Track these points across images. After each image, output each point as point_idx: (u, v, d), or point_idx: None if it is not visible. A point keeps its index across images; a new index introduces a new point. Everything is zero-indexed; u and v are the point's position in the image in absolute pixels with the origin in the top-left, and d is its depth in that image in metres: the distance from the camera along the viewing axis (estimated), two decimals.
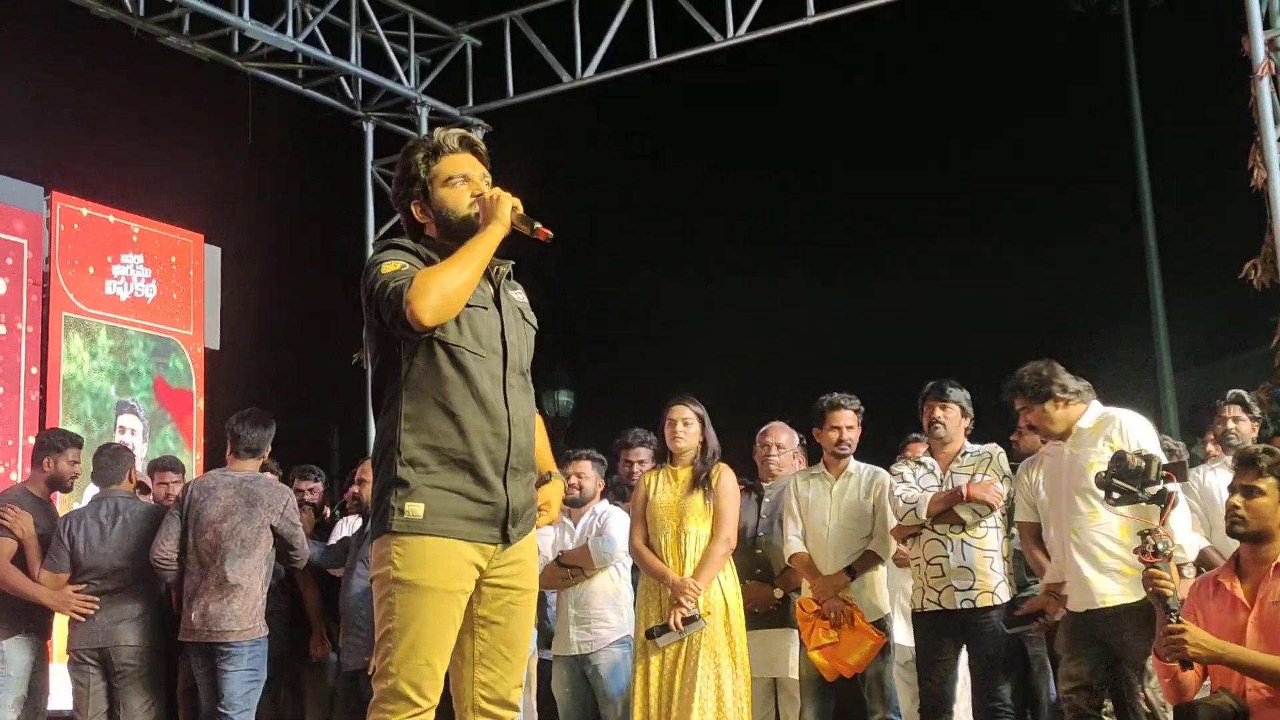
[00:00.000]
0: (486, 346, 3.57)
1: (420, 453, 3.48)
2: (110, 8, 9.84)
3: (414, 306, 3.38)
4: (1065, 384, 5.65)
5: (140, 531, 6.79)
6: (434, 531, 3.47)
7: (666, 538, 6.22)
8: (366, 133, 11.73)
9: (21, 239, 9.63)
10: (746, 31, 10.53)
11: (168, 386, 10.49)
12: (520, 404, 3.60)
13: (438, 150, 3.70)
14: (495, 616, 3.60)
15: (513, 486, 3.55)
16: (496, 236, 3.55)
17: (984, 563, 6.16)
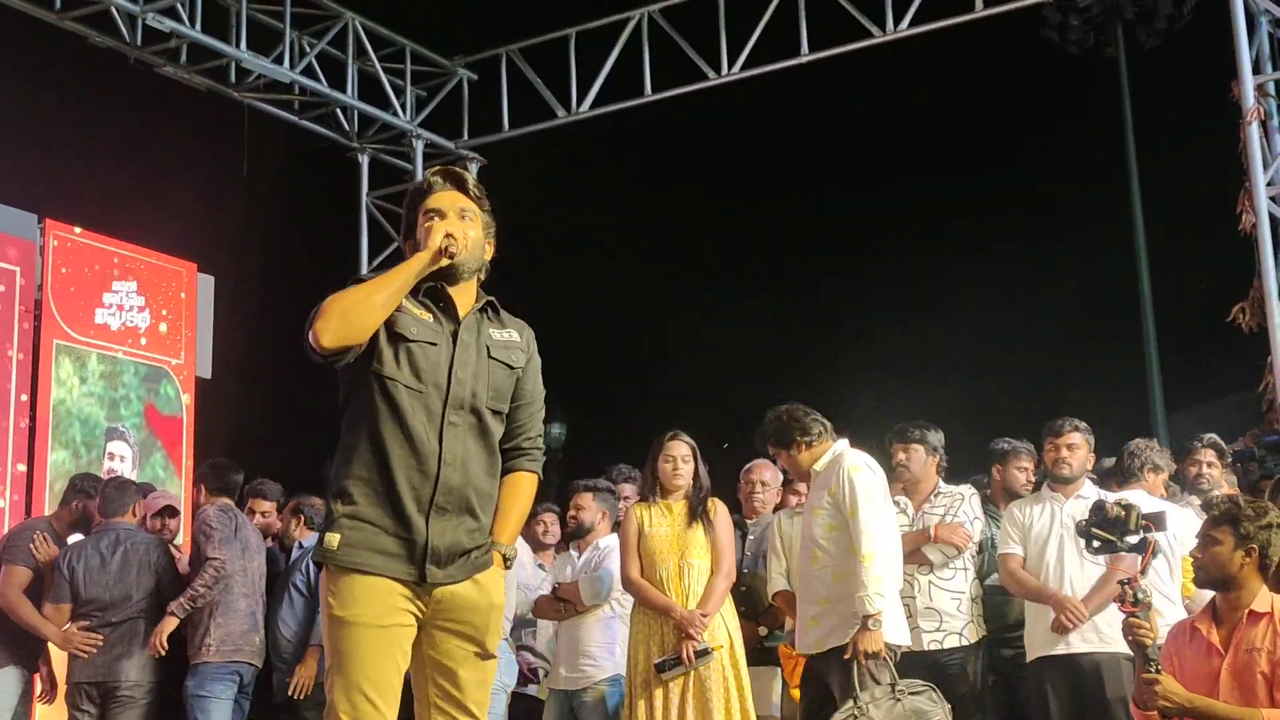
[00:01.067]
0: (426, 381, 3.51)
1: (347, 484, 3.48)
2: (108, 37, 9.91)
3: (315, 328, 3.39)
4: (806, 427, 5.70)
5: (142, 563, 6.80)
6: (348, 563, 3.45)
7: (668, 571, 6.19)
8: (362, 164, 11.79)
9: (14, 266, 9.65)
10: (741, 69, 10.60)
11: (159, 413, 10.49)
12: (461, 442, 3.53)
13: (425, 190, 3.71)
14: (446, 661, 3.56)
15: (436, 526, 3.47)
16: (419, 261, 3.53)
17: (951, 604, 6.19)
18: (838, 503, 5.50)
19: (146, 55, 10.15)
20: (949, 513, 6.26)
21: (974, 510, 6.31)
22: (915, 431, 6.37)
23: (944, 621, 6.16)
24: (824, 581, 5.52)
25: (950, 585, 6.21)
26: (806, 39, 10.39)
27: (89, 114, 10.16)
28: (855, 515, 5.44)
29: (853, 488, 5.49)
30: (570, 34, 11.23)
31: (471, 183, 3.75)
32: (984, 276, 11.00)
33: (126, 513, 7.02)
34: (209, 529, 6.82)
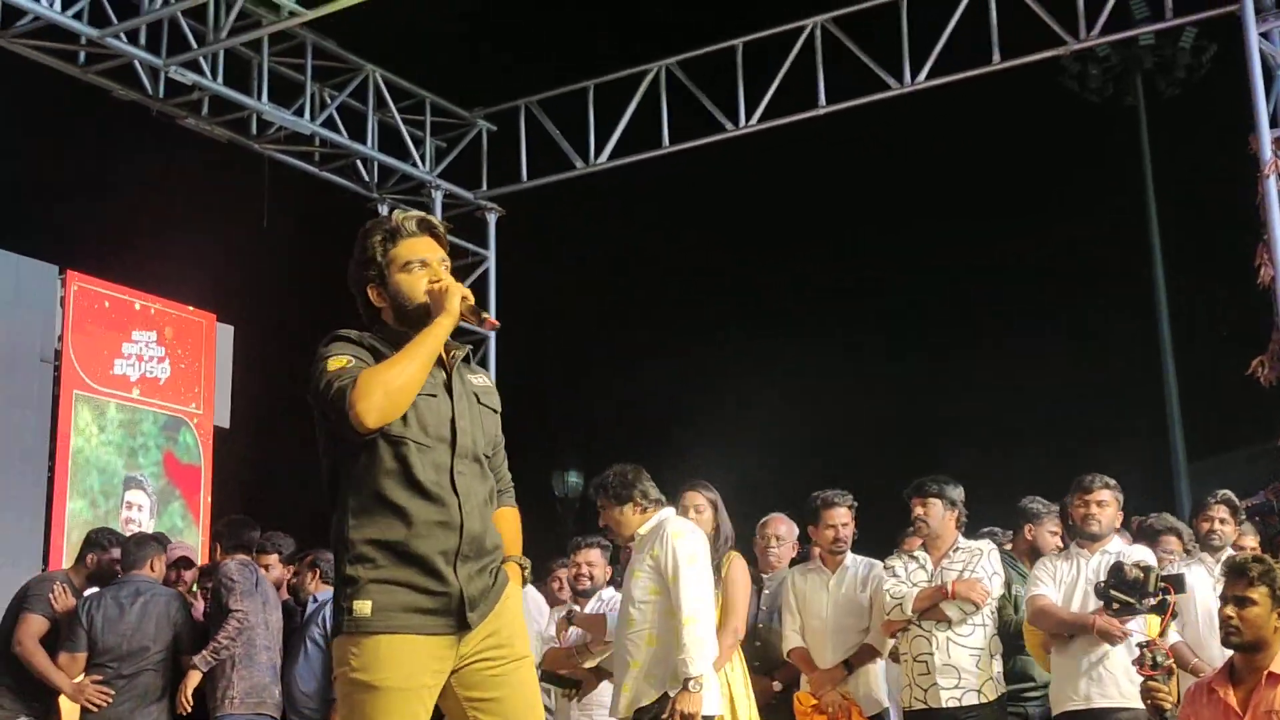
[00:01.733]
0: (434, 435, 3.46)
1: (367, 548, 3.40)
2: (131, 90, 9.99)
3: (357, 409, 3.31)
4: (646, 491, 5.66)
5: (161, 616, 6.81)
6: (384, 629, 3.37)
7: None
8: (381, 215, 11.83)
9: (35, 316, 9.72)
10: (759, 121, 10.64)
11: (177, 462, 10.53)
12: (473, 490, 3.50)
13: (396, 233, 3.61)
14: (488, 692, 3.48)
15: (464, 574, 3.44)
16: (445, 329, 3.48)
17: (969, 660, 6.12)
18: (659, 566, 5.45)
19: (169, 107, 10.24)
20: (967, 568, 6.21)
21: (993, 565, 6.24)
22: (933, 485, 6.32)
23: (962, 678, 6.10)
24: (638, 644, 5.45)
25: (969, 641, 6.14)
26: (824, 91, 10.42)
27: (111, 166, 10.25)
28: (677, 579, 5.37)
29: (675, 552, 5.43)
30: (589, 86, 11.28)
31: (443, 231, 3.69)
32: (1002, 323, 10.96)
33: (146, 566, 7.04)
34: (230, 582, 6.84)
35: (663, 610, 5.41)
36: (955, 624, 6.14)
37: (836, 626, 6.49)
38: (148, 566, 7.05)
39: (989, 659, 6.17)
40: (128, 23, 9.39)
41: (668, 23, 10.82)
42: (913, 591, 6.19)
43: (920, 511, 6.31)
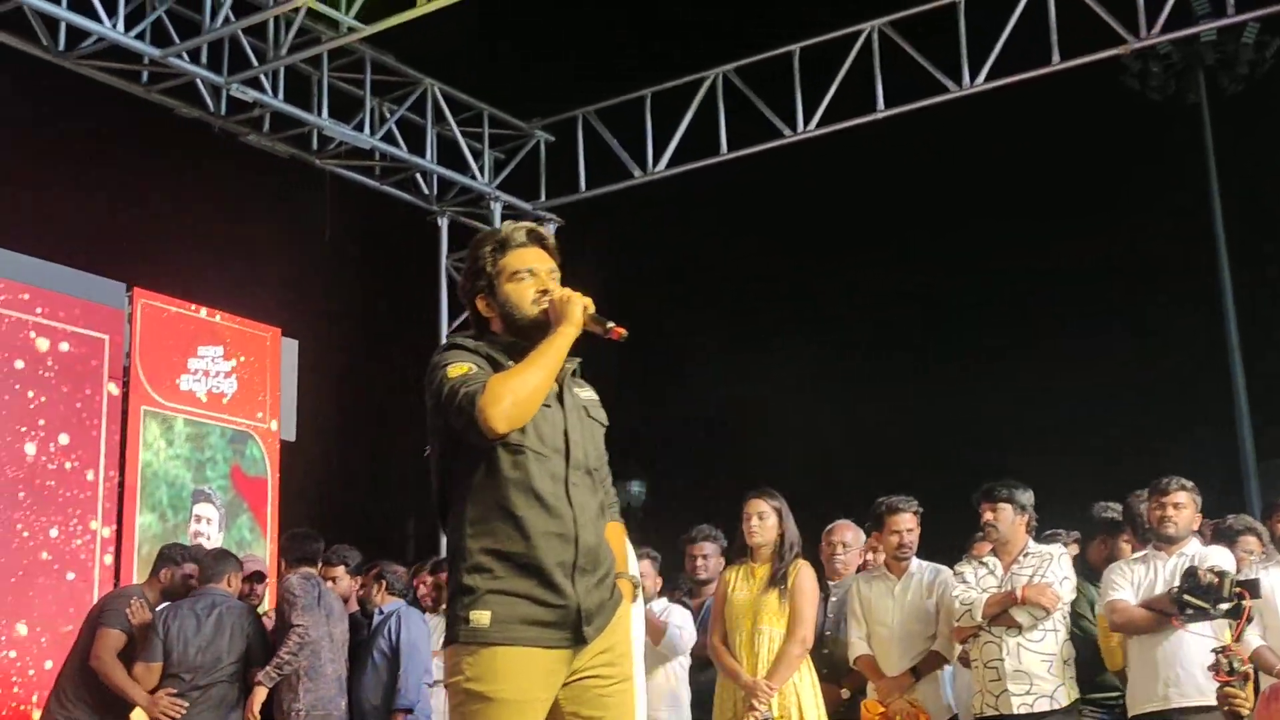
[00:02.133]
0: (549, 445, 3.47)
1: (485, 559, 3.40)
2: (193, 108, 10.11)
3: (487, 414, 3.31)
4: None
5: (235, 628, 6.90)
6: (502, 640, 3.35)
7: (741, 637, 6.15)
8: (441, 227, 11.92)
9: (103, 334, 9.85)
10: (816, 126, 10.62)
11: (244, 475, 10.63)
12: (586, 503, 3.51)
13: (505, 244, 3.63)
14: (593, 711, 3.46)
15: (582, 586, 3.43)
16: (568, 338, 3.48)
17: (1041, 666, 6.06)
18: None
19: (231, 125, 10.35)
20: (1038, 573, 6.15)
21: (1064, 570, 6.18)
22: (1003, 490, 6.27)
23: (1034, 684, 6.04)
24: None
25: (1040, 647, 6.08)
26: (882, 94, 10.38)
27: (175, 183, 10.38)
28: None
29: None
30: (646, 95, 11.30)
31: (552, 242, 3.71)
32: (1062, 325, 10.85)
33: (223, 580, 7.15)
34: (292, 597, 6.91)
35: None
36: (1026, 629, 6.09)
37: (903, 633, 6.46)
38: (225, 581, 7.16)
39: (1061, 664, 6.10)
40: (189, 42, 9.51)
41: (724, 29, 10.81)
42: (982, 597, 6.14)
43: (990, 516, 6.26)
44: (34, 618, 9.09)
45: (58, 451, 9.45)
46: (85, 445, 9.61)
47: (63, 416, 9.51)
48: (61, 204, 9.98)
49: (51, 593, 9.21)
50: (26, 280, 9.48)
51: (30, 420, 9.33)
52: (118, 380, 9.88)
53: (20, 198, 9.85)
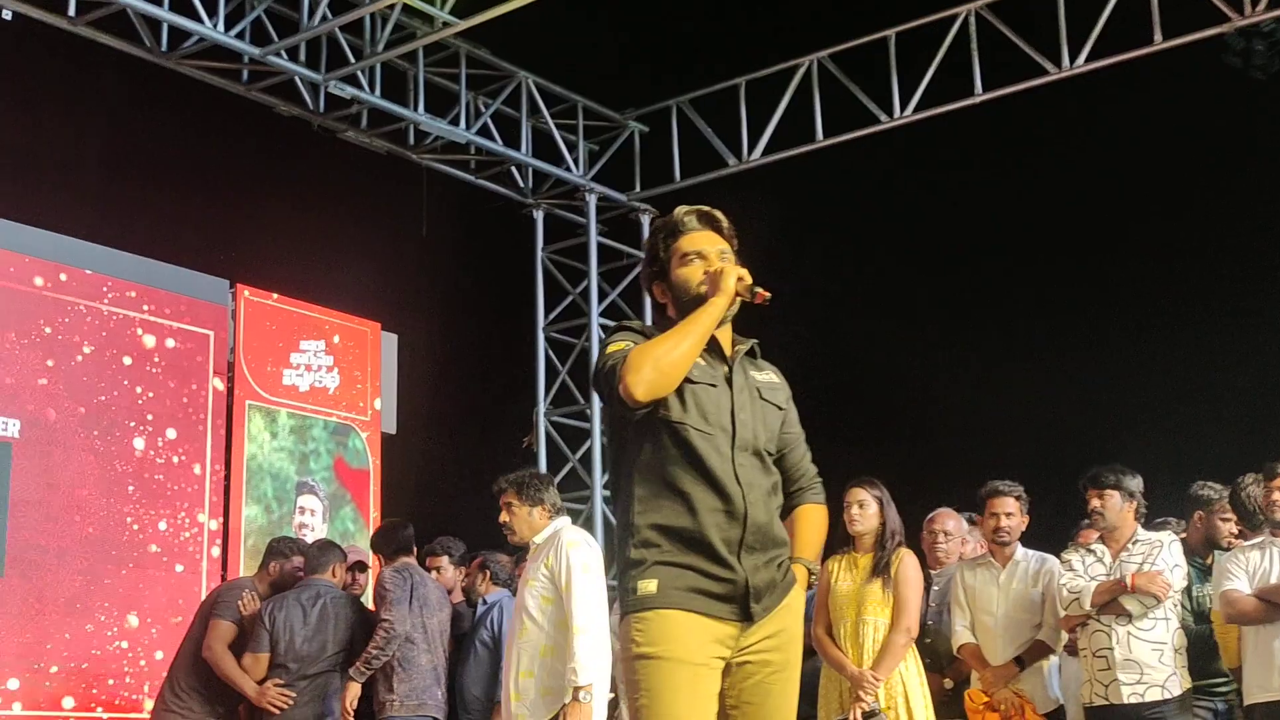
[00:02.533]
0: (714, 424, 3.46)
1: (652, 534, 3.42)
2: (292, 105, 10.25)
3: (627, 381, 3.33)
4: (554, 499, 5.64)
5: (339, 618, 6.99)
6: (669, 605, 3.36)
7: (845, 627, 6.13)
8: (537, 220, 11.98)
9: (208, 330, 10.02)
10: (913, 111, 10.52)
11: (347, 466, 10.76)
12: (755, 482, 3.48)
13: (676, 229, 3.65)
14: (748, 697, 3.45)
15: (749, 564, 3.42)
16: (718, 307, 3.48)
17: (1152, 655, 5.96)
18: (554, 576, 5.36)
19: (329, 121, 10.47)
20: (1147, 560, 6.05)
21: (1174, 557, 6.07)
22: (1110, 476, 6.16)
23: (1145, 674, 5.95)
24: (531, 655, 5.37)
25: (1150, 636, 5.98)
26: (980, 78, 10.26)
27: (275, 181, 10.48)
28: (570, 589, 5.29)
29: (570, 561, 5.35)
30: (740, 83, 11.27)
31: (726, 224, 3.69)
32: (1187, 312, 10.55)
33: (328, 571, 7.24)
34: (384, 591, 6.99)
35: (555, 622, 5.36)
36: (1136, 618, 6.00)
37: (1008, 622, 6.39)
38: (329, 572, 7.24)
39: (1173, 653, 6.00)
40: (288, 40, 9.63)
41: (818, 15, 10.69)
42: (1090, 585, 6.05)
43: (1096, 503, 6.17)
44: (144, 609, 9.28)
45: (165, 446, 9.63)
46: (192, 440, 9.79)
47: (170, 411, 9.69)
48: (166, 203, 10.13)
49: (161, 585, 9.40)
50: (133, 278, 9.68)
51: (139, 415, 9.52)
52: (223, 375, 10.05)
53: (127, 198, 10.02)
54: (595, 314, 11.73)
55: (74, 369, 9.25)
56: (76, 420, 9.22)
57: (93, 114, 9.87)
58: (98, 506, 9.21)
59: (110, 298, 9.50)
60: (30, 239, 9.23)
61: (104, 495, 9.24)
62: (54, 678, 8.82)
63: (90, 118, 9.84)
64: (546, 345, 11.87)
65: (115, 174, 9.85)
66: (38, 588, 8.85)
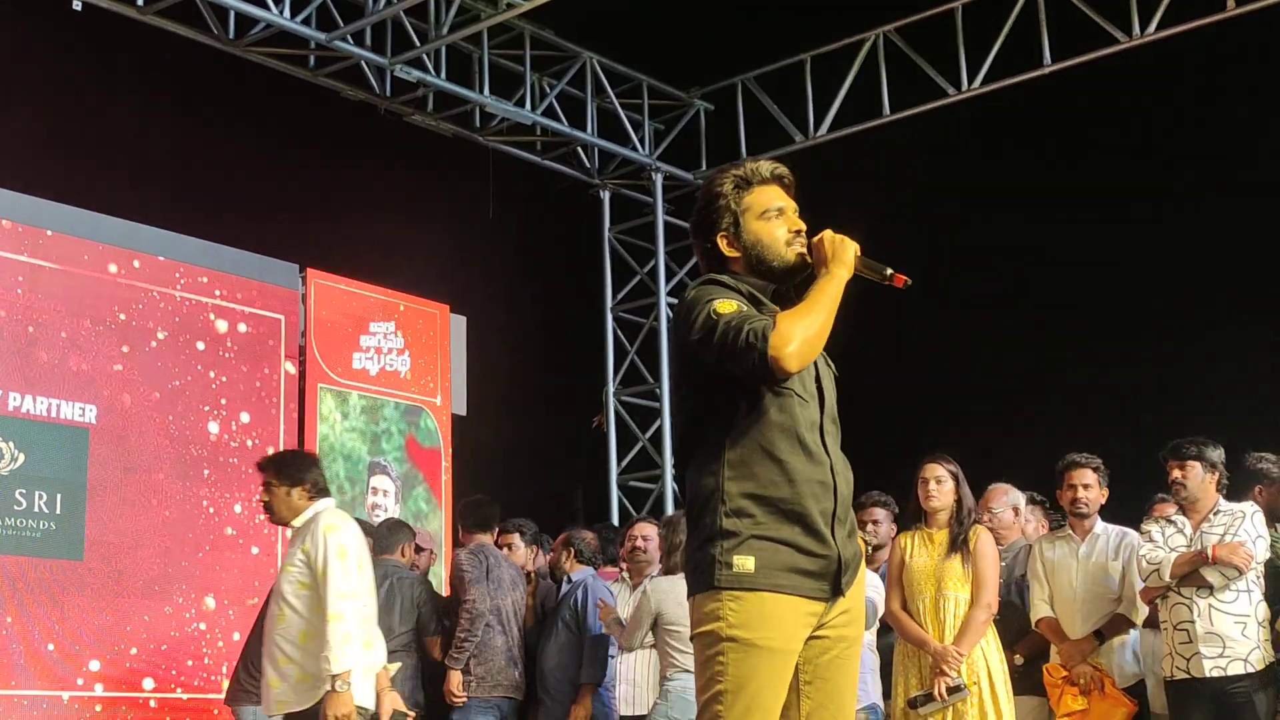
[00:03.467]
0: (808, 391, 3.35)
1: (746, 503, 3.25)
2: (359, 90, 10.30)
3: (782, 354, 3.15)
4: (316, 480, 5.50)
5: (405, 598, 7.02)
6: (769, 586, 3.22)
7: (925, 603, 6.07)
8: (603, 200, 11.97)
9: (279, 314, 10.10)
10: (981, 84, 10.41)
11: (419, 446, 10.81)
12: (837, 451, 3.40)
13: (748, 180, 3.47)
14: (823, 672, 3.35)
15: (840, 536, 3.32)
16: (842, 281, 3.32)
17: (1234, 628, 5.87)
18: (310, 561, 5.26)
19: (396, 105, 10.52)
20: (1229, 531, 5.97)
21: (1257, 528, 5.98)
22: (1191, 448, 6.08)
23: (1227, 647, 5.86)
24: (290, 641, 5.29)
25: (1233, 608, 5.89)
26: (1049, 49, 10.14)
27: (343, 165, 10.55)
28: (326, 573, 5.19)
29: (326, 545, 5.24)
30: (805, 59, 11.20)
31: (791, 180, 3.52)
32: (1269, 283, 10.29)
33: (396, 551, 7.27)
34: (461, 572, 7.02)
35: (313, 607, 5.27)
36: (1217, 590, 5.91)
37: (1087, 596, 6.34)
38: (399, 552, 7.28)
39: (1255, 626, 5.91)
40: (353, 25, 9.67)
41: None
42: (1170, 556, 5.97)
43: (1178, 475, 6.08)
44: (221, 591, 9.38)
45: (239, 430, 9.72)
46: (265, 423, 9.88)
47: (243, 395, 9.78)
48: (236, 190, 10.22)
49: (237, 567, 9.49)
50: (205, 264, 9.76)
51: (212, 400, 9.61)
52: (294, 359, 10.13)
53: (197, 186, 10.12)
54: (663, 293, 11.72)
55: (148, 355, 9.35)
56: (151, 405, 9.32)
57: (162, 102, 9.97)
58: (174, 490, 9.32)
59: (183, 284, 9.59)
60: (104, 227, 9.34)
61: (180, 479, 9.35)
62: (134, 659, 8.93)
63: (160, 106, 9.94)
64: (615, 325, 11.88)
65: (186, 162, 9.94)
66: (116, 570, 8.96)
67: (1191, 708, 5.94)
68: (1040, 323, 10.69)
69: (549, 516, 8.16)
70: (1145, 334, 10.33)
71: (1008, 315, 10.78)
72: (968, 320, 10.68)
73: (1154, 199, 10.39)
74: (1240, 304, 10.13)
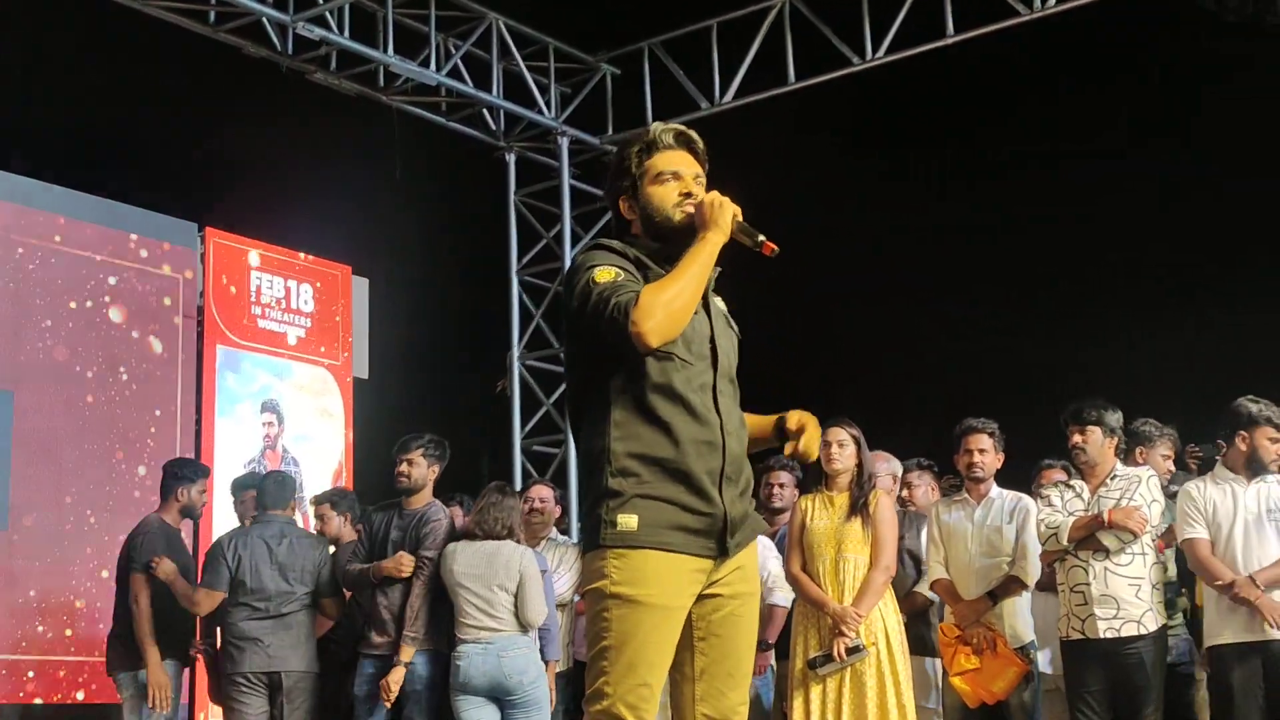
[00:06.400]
0: (696, 353, 3.38)
1: (631, 462, 3.30)
2: (261, 47, 10.14)
3: (642, 329, 3.22)
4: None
5: (305, 556, 6.88)
6: (650, 544, 3.28)
7: (824, 565, 6.15)
8: (509, 163, 11.91)
9: (176, 274, 9.95)
10: (885, 53, 10.48)
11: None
12: (731, 411, 3.41)
13: (652, 145, 3.51)
14: (716, 629, 3.40)
15: (729, 496, 3.34)
16: (715, 245, 3.36)
17: (1129, 590, 5.98)
18: None
19: (298, 63, 10.37)
20: (1125, 495, 6.07)
21: (1151, 493, 6.09)
22: (1092, 412, 6.16)
23: (1121, 609, 5.97)
24: None
25: (1127, 571, 6.00)
26: (952, 20, 10.22)
27: (244, 123, 10.37)
28: None
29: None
30: (711, 25, 11.21)
31: (701, 147, 3.56)
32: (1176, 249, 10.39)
33: (287, 507, 7.13)
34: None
35: None
36: (1113, 553, 6.03)
37: (981, 558, 6.44)
38: (290, 508, 7.17)
39: (1149, 588, 6.03)
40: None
41: None
42: (1068, 520, 6.07)
43: (1078, 439, 6.17)
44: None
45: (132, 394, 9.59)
46: (161, 384, 9.75)
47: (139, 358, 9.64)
48: (134, 147, 10.04)
49: None
50: (101, 222, 9.58)
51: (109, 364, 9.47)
52: (192, 319, 10.00)
53: (94, 142, 9.91)
54: (568, 257, 11.69)
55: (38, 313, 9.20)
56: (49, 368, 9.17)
57: (57, 56, 9.75)
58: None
59: (75, 239, 9.43)
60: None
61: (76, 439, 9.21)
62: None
63: (55, 60, 9.72)
64: (520, 289, 11.84)
65: (84, 118, 9.74)
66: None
67: (1085, 667, 6.05)
68: (940, 291, 10.82)
69: (452, 482, 8.10)
70: (1042, 303, 10.49)
71: (905, 284, 10.89)
72: (866, 288, 10.78)
73: (1046, 171, 10.54)
74: (1136, 266, 10.26)
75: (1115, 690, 6.02)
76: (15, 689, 8.76)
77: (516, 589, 6.35)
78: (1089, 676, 6.04)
